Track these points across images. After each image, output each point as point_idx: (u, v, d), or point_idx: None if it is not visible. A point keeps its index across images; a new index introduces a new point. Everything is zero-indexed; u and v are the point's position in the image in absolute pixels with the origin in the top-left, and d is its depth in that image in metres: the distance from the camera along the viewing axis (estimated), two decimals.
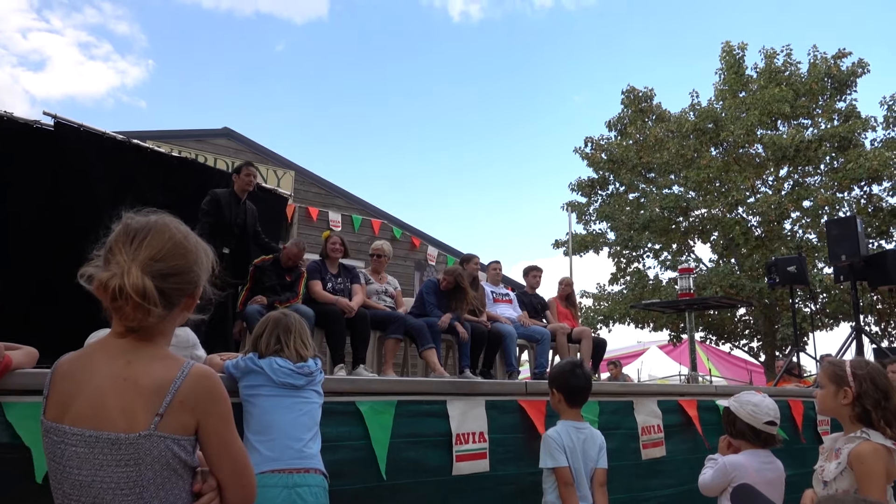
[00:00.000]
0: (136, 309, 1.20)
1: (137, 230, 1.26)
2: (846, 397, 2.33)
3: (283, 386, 2.45)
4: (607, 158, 17.17)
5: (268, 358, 2.51)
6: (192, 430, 1.24)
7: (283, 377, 2.46)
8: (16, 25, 43.53)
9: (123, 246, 1.23)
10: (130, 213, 1.30)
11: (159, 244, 1.25)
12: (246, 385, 2.49)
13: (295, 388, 2.48)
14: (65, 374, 1.25)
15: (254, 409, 2.44)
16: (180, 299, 1.28)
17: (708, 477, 2.70)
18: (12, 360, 2.07)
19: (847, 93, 15.66)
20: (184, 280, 1.27)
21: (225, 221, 5.23)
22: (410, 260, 11.82)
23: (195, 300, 1.33)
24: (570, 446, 2.85)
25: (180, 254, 1.27)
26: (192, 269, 1.29)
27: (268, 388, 2.45)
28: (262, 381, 2.46)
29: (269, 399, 2.44)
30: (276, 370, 2.47)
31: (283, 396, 2.45)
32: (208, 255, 1.35)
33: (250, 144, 11.42)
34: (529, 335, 6.11)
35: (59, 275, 4.55)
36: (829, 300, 14.38)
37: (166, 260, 1.25)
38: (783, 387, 6.34)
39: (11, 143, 4.94)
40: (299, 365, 2.52)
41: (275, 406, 2.43)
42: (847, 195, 15.03)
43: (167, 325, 1.29)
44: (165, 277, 1.23)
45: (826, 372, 2.48)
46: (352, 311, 4.96)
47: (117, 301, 1.20)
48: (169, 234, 1.28)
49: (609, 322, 16.45)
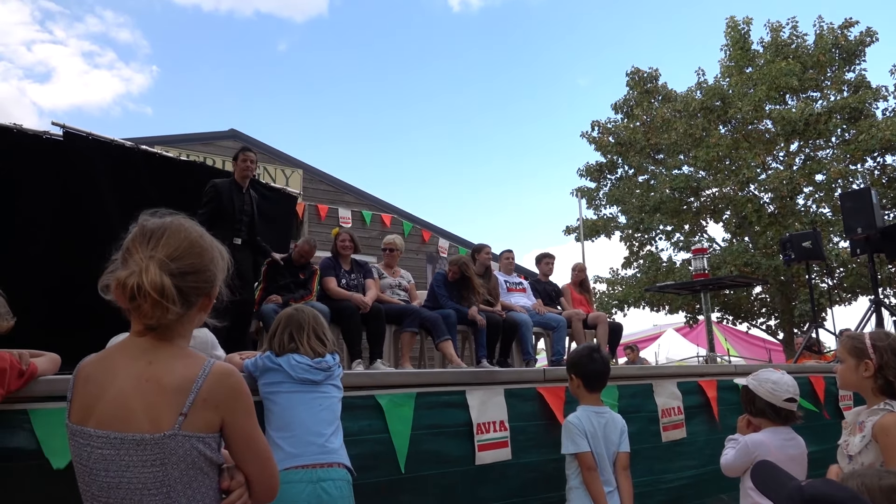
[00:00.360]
0: (155, 307, 1.20)
1: (154, 230, 1.27)
2: (867, 370, 2.31)
3: (301, 382, 2.46)
4: (615, 141, 17.06)
5: (285, 355, 2.52)
6: (217, 427, 1.25)
7: (302, 373, 2.47)
8: (20, 38, 43.89)
9: (140, 246, 1.25)
10: (146, 215, 1.31)
11: (175, 243, 1.26)
12: (265, 383, 2.50)
13: (314, 383, 2.48)
14: (87, 377, 1.27)
15: (274, 406, 2.45)
16: (197, 298, 1.29)
17: (730, 457, 2.69)
18: (37, 367, 2.10)
19: (856, 63, 15.43)
20: (200, 279, 1.28)
21: (228, 210, 5.10)
22: (422, 253, 11.83)
23: (212, 300, 1.34)
24: (592, 431, 2.85)
25: (196, 252, 1.28)
26: (208, 268, 1.30)
27: (287, 385, 2.46)
28: (281, 378, 2.48)
29: (288, 395, 2.45)
30: (294, 366, 2.48)
31: (302, 392, 2.46)
32: (224, 256, 1.36)
33: (257, 145, 11.43)
34: (545, 323, 6.10)
35: (74, 281, 4.60)
36: (847, 274, 14.23)
37: (183, 258, 1.25)
38: (803, 363, 6.29)
39: (22, 154, 4.98)
40: (317, 360, 2.52)
41: (295, 402, 2.44)
42: (860, 167, 14.85)
43: (186, 324, 1.30)
44: (183, 276, 1.24)
45: (845, 346, 2.46)
46: (366, 306, 4.97)
47: (136, 300, 1.21)
48: (185, 233, 1.29)
49: (624, 306, 16.40)
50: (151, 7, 39.09)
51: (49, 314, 4.56)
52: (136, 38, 40.80)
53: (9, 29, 44.88)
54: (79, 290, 4.51)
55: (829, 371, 4.77)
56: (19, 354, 2.07)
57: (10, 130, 5.04)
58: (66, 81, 48.21)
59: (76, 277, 4.66)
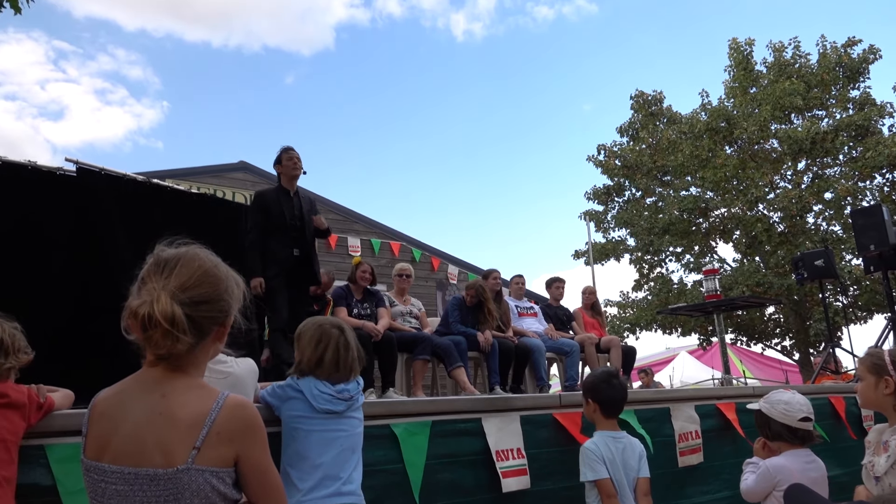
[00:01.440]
0: (165, 336, 1.20)
1: (167, 260, 1.27)
2: (888, 387, 2.28)
3: (323, 413, 2.36)
4: (621, 164, 17.11)
5: (307, 379, 2.41)
6: (231, 461, 1.24)
7: (324, 403, 2.36)
8: (34, 78, 44.82)
9: (154, 276, 1.25)
10: (162, 246, 1.31)
11: (189, 272, 1.26)
12: (287, 413, 2.40)
13: (336, 414, 2.38)
14: (102, 412, 1.26)
15: (293, 441, 2.35)
16: (211, 328, 1.28)
17: (751, 482, 2.63)
18: (54, 401, 2.10)
19: (860, 80, 15.49)
20: (214, 308, 1.28)
21: (279, 220, 4.72)
22: (431, 280, 11.83)
23: (226, 329, 1.33)
24: (610, 457, 2.81)
25: (210, 282, 1.28)
26: (222, 298, 1.29)
27: (308, 420, 2.35)
28: (302, 408, 2.37)
29: (310, 433, 2.34)
30: (317, 396, 2.36)
31: (324, 430, 2.35)
32: (239, 285, 1.35)
33: (267, 176, 11.55)
34: (558, 348, 6.05)
35: (88, 316, 4.62)
36: (861, 292, 14.08)
37: (196, 288, 1.25)
38: (822, 383, 6.19)
39: (37, 190, 5.05)
40: (339, 388, 2.41)
41: (316, 441, 2.33)
42: (869, 184, 14.79)
43: (200, 355, 1.29)
44: (196, 305, 1.24)
45: (865, 363, 2.44)
46: (378, 334, 4.95)
47: (147, 329, 1.20)
48: (199, 262, 1.29)
49: (636, 329, 16.27)
50: (162, 45, 39.93)
51: (63, 350, 4.57)
52: (147, 75, 41.63)
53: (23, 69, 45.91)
54: (92, 325, 4.53)
55: (849, 391, 4.69)
56: (37, 388, 2.07)
57: (24, 167, 5.12)
58: (79, 118, 49.14)
59: (90, 312, 4.69)
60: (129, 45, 40.65)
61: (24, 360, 2.06)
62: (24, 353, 2.06)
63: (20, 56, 42.39)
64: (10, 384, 1.96)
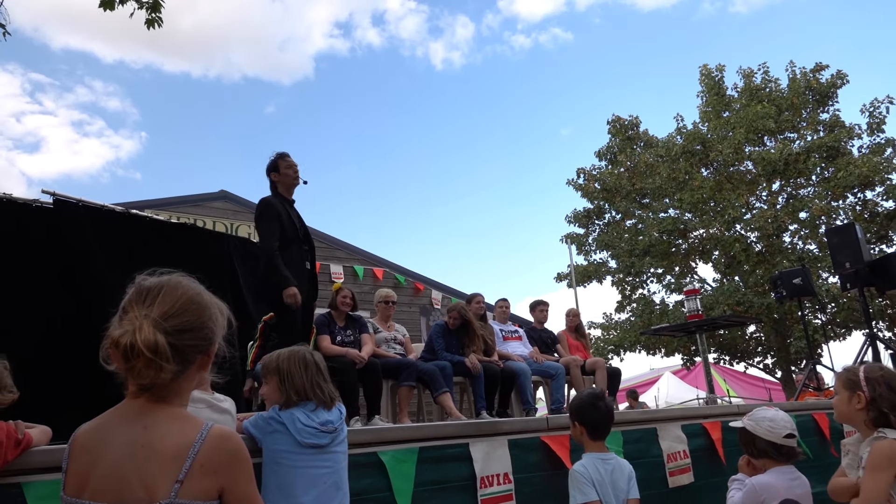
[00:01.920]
0: (148, 365, 1.17)
1: (150, 289, 1.25)
2: (860, 402, 2.34)
3: (308, 447, 2.32)
4: (601, 188, 17.34)
5: (289, 411, 2.37)
6: (216, 494, 1.21)
7: (308, 437, 2.32)
8: (10, 110, 44.48)
9: (136, 305, 1.23)
10: (143, 275, 1.29)
11: (172, 300, 1.24)
12: (268, 448, 2.35)
13: (321, 447, 2.35)
14: (82, 446, 1.23)
15: (275, 475, 2.30)
16: (195, 356, 1.26)
17: (737, 500, 2.63)
18: (32, 437, 2.05)
19: (829, 104, 15.96)
20: (198, 336, 1.26)
21: (291, 232, 4.34)
22: (415, 306, 11.78)
23: (210, 357, 1.31)
24: (599, 479, 2.79)
25: (193, 310, 1.26)
26: (206, 325, 1.27)
27: (293, 456, 2.30)
28: (286, 442, 2.32)
29: (294, 469, 2.29)
30: (301, 430, 2.32)
31: (309, 466, 2.30)
32: (223, 312, 1.34)
33: (247, 204, 11.50)
34: (543, 371, 6.04)
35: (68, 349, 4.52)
36: (839, 309, 14.31)
37: (180, 316, 1.23)
38: (804, 400, 6.24)
39: (12, 224, 4.98)
40: (323, 421, 2.38)
41: (301, 477, 2.28)
42: (842, 203, 15.14)
43: (183, 384, 1.26)
44: (179, 333, 1.22)
45: (840, 379, 2.51)
46: (363, 361, 4.91)
47: (129, 359, 1.18)
48: (182, 290, 1.27)
49: (620, 351, 16.33)
50: (140, 76, 39.92)
51: (39, 383, 4.46)
52: (125, 106, 41.50)
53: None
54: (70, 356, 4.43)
55: (832, 407, 4.74)
56: (14, 423, 2.02)
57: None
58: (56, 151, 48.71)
59: (68, 344, 4.59)
60: (107, 76, 40.59)
61: (8, 400, 2.01)
62: (9, 392, 2.01)
63: None
64: None
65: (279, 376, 2.43)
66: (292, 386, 2.41)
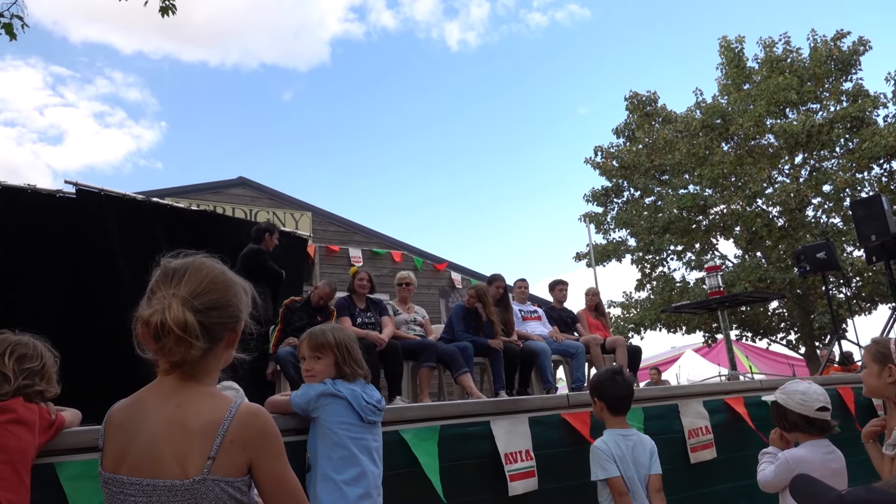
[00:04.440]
0: (179, 343, 1.20)
1: (176, 269, 1.28)
2: (891, 375, 2.29)
3: (368, 423, 2.40)
4: (619, 165, 17.14)
5: (348, 386, 2.40)
6: (246, 469, 1.24)
7: (370, 414, 2.39)
8: (33, 104, 45.16)
9: (163, 285, 1.26)
10: (167, 258, 1.32)
11: (198, 279, 1.27)
12: (328, 418, 2.35)
13: (374, 423, 2.44)
14: (118, 424, 1.26)
15: (336, 445, 2.31)
16: (222, 333, 1.29)
17: (769, 473, 2.60)
18: (64, 418, 2.10)
19: (852, 72, 15.54)
20: (225, 314, 1.29)
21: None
22: (434, 288, 11.83)
23: (237, 335, 1.34)
24: (620, 455, 2.79)
25: (219, 288, 1.29)
26: (231, 303, 1.30)
27: (355, 426, 2.35)
28: (347, 412, 2.36)
29: (356, 441, 2.34)
30: (364, 407, 2.38)
31: (366, 435, 2.37)
32: (247, 291, 1.37)
33: (265, 191, 11.59)
34: (563, 350, 6.04)
35: (93, 335, 4.62)
36: (864, 283, 14.06)
37: (207, 294, 1.26)
38: (829, 374, 6.17)
39: (38, 213, 5.07)
40: (378, 399, 2.45)
41: (361, 447, 2.34)
42: (867, 175, 14.80)
43: (212, 361, 1.29)
44: (207, 311, 1.25)
45: (870, 351, 2.45)
46: (383, 343, 4.95)
47: (160, 338, 1.21)
48: (207, 270, 1.30)
49: (640, 329, 16.24)
50: (159, 66, 40.22)
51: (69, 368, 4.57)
52: (144, 97, 41.91)
53: (22, 95, 46.24)
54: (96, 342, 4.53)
55: (857, 381, 4.68)
56: (47, 405, 2.07)
57: (24, 191, 5.15)
58: (78, 142, 49.39)
59: (93, 332, 4.69)
60: (126, 67, 40.92)
61: (51, 394, 2.06)
62: (53, 387, 2.07)
63: (18, 82, 42.71)
64: (21, 401, 1.95)
65: (337, 350, 2.43)
66: (353, 360, 2.44)
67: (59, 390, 2.09)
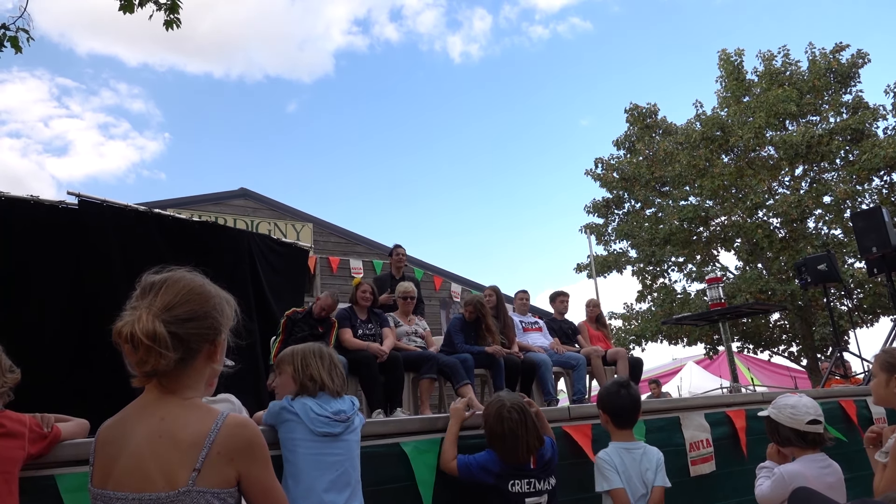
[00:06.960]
0: (149, 353, 1.20)
1: (153, 283, 1.29)
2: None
3: (321, 435, 2.38)
4: (619, 177, 17.18)
5: (301, 401, 2.43)
6: (234, 481, 1.24)
7: (321, 427, 2.38)
8: (38, 115, 45.39)
9: (140, 298, 1.27)
10: (149, 273, 1.33)
11: (174, 292, 1.27)
12: (282, 436, 2.42)
13: (333, 436, 2.41)
14: (106, 440, 1.27)
15: (289, 463, 2.37)
16: (201, 345, 1.28)
17: (766, 488, 2.60)
18: (61, 431, 2.09)
19: (851, 85, 15.61)
20: (202, 325, 1.28)
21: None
22: (434, 299, 11.82)
23: (217, 348, 1.33)
24: (623, 467, 2.78)
25: (196, 300, 1.29)
26: (210, 315, 1.30)
27: (306, 444, 2.37)
28: (300, 430, 2.38)
29: (308, 457, 2.35)
30: (314, 420, 2.38)
31: (320, 451, 2.37)
32: (230, 304, 1.36)
33: (267, 202, 11.62)
34: (564, 362, 6.02)
35: (92, 346, 4.61)
36: (865, 295, 14.04)
37: (182, 306, 1.26)
38: (831, 387, 6.15)
39: (39, 224, 5.08)
40: (335, 410, 2.44)
41: (311, 463, 2.35)
42: (867, 186, 14.82)
43: (192, 375, 1.29)
44: (181, 322, 1.24)
45: (878, 360, 2.44)
46: (384, 355, 4.94)
47: (136, 350, 1.21)
48: (184, 282, 1.30)
49: (641, 341, 16.20)
50: (164, 78, 40.40)
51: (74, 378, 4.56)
52: (149, 108, 42.10)
53: (27, 107, 46.50)
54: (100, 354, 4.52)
55: (860, 394, 4.67)
56: (41, 417, 2.06)
57: (27, 202, 5.15)
58: (83, 153, 49.58)
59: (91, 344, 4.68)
60: (131, 79, 41.16)
61: (12, 380, 2.04)
62: (10, 372, 2.04)
63: (24, 94, 42.96)
64: (8, 413, 1.94)
65: (294, 365, 2.51)
66: (307, 373, 2.48)
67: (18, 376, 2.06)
